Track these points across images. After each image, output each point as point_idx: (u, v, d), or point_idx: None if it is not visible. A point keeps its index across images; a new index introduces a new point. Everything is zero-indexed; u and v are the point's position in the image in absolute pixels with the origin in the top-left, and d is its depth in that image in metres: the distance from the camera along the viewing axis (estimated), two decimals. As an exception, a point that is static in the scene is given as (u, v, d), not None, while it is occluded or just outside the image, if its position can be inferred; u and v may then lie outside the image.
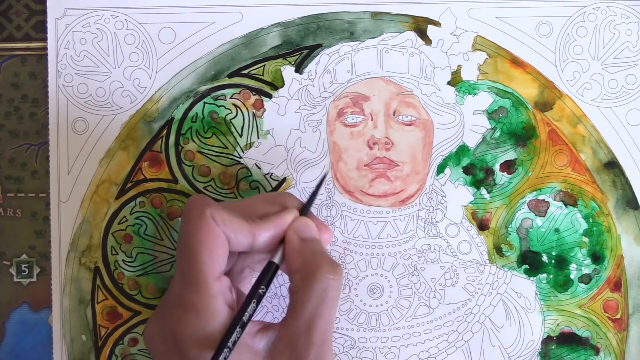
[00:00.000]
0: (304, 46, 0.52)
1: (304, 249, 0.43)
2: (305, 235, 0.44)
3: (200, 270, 0.41)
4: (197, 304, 0.41)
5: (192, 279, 0.41)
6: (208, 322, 0.41)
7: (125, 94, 0.52)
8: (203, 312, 0.41)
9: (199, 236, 0.42)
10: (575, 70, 0.52)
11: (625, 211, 0.51)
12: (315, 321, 0.41)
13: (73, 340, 0.51)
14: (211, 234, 0.42)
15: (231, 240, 0.42)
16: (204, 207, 0.42)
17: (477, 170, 0.51)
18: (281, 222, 0.44)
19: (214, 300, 0.41)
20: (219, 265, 0.42)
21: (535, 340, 0.51)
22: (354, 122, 0.51)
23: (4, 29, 0.53)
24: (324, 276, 0.42)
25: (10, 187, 0.52)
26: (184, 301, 0.41)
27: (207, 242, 0.42)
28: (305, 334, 0.41)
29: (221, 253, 0.42)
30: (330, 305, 0.42)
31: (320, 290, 0.41)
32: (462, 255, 0.51)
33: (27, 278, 0.52)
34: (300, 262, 0.43)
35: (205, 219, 0.42)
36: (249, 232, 0.43)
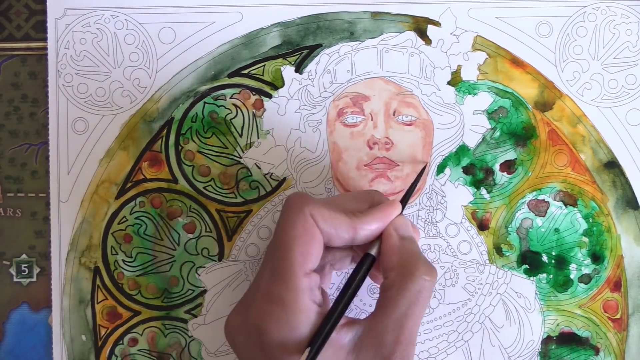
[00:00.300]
0: (304, 46, 0.52)
1: (402, 247, 0.43)
2: (404, 233, 0.44)
3: (292, 265, 0.41)
4: (284, 297, 0.41)
5: (282, 273, 0.41)
6: (294, 316, 0.41)
7: (125, 94, 0.52)
8: (290, 306, 0.41)
9: (294, 232, 0.42)
10: (575, 70, 0.52)
11: (625, 211, 0.51)
12: (406, 320, 0.41)
13: (73, 340, 0.51)
14: (307, 231, 0.42)
15: (332, 236, 0.42)
16: (303, 204, 0.42)
17: (477, 170, 0.51)
18: (385, 216, 0.44)
19: (301, 295, 0.41)
20: (310, 262, 0.42)
21: (535, 340, 0.51)
22: (354, 122, 0.51)
23: (4, 29, 0.53)
24: (421, 277, 0.41)
25: (10, 187, 0.52)
26: (271, 294, 0.41)
27: (302, 238, 0.42)
28: (393, 332, 0.41)
29: (315, 251, 0.42)
30: (422, 307, 0.42)
31: (415, 290, 0.41)
32: (462, 255, 0.51)
33: (27, 278, 0.52)
34: (398, 259, 0.43)
35: (303, 216, 0.42)
36: (351, 226, 0.43)
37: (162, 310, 0.52)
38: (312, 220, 0.42)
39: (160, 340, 0.51)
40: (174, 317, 0.51)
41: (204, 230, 0.51)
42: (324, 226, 0.42)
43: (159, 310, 0.52)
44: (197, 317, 0.51)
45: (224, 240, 0.51)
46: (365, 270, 0.44)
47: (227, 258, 0.51)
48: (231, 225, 0.51)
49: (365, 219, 0.43)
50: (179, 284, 0.51)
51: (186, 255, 0.51)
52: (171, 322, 0.51)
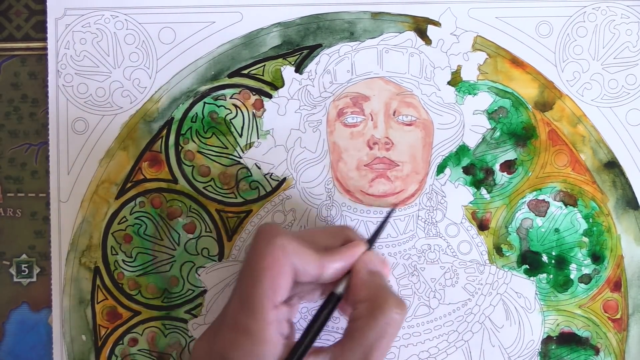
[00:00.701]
0: (304, 46, 0.52)
1: (371, 281, 0.44)
2: (372, 268, 0.44)
3: (260, 297, 0.41)
4: (252, 329, 0.41)
5: (250, 304, 0.41)
6: (260, 348, 0.41)
7: (125, 94, 0.52)
8: (256, 337, 0.41)
9: (265, 263, 0.42)
10: (575, 70, 0.52)
11: (625, 211, 0.51)
12: (372, 352, 0.42)
13: (73, 340, 0.51)
14: (277, 263, 0.42)
15: (299, 271, 0.42)
16: (275, 235, 0.42)
17: (477, 170, 0.51)
18: (351, 254, 0.44)
19: (269, 328, 0.41)
20: (279, 295, 0.42)
21: (535, 340, 0.51)
22: (354, 122, 0.51)
23: (4, 29, 0.53)
24: (391, 310, 0.42)
25: (10, 187, 0.52)
26: (239, 324, 0.41)
27: (271, 270, 0.42)
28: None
29: (284, 283, 0.42)
30: (389, 340, 0.42)
31: (384, 323, 0.42)
32: (462, 255, 0.51)
33: (27, 278, 0.52)
34: (367, 293, 0.43)
35: (274, 247, 0.42)
36: (319, 263, 0.43)
37: (162, 310, 0.52)
38: (283, 253, 0.42)
39: (160, 340, 0.51)
40: (174, 317, 0.51)
41: (204, 231, 0.51)
42: (294, 259, 0.42)
43: (159, 310, 0.52)
44: (197, 317, 0.51)
45: (224, 241, 0.51)
46: (331, 308, 0.44)
47: (227, 258, 0.51)
48: (231, 226, 0.51)
49: (332, 257, 0.44)
50: (179, 284, 0.51)
51: (186, 255, 0.51)
52: (171, 322, 0.51)
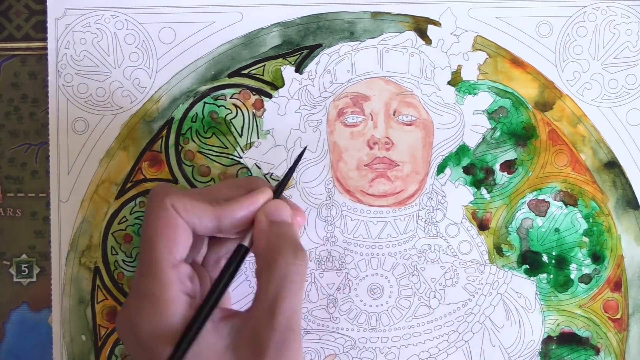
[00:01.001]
0: (304, 46, 0.52)
1: (271, 232, 0.42)
2: (274, 217, 0.43)
3: (157, 258, 0.41)
4: (152, 291, 0.41)
5: (148, 267, 0.41)
6: (163, 309, 0.40)
7: (125, 94, 0.52)
8: (158, 299, 0.40)
9: (157, 224, 0.41)
10: (576, 70, 0.52)
11: (625, 211, 0.51)
12: (277, 307, 0.40)
13: (73, 340, 0.51)
14: (169, 222, 0.41)
15: (196, 225, 0.42)
16: (164, 196, 0.42)
17: (477, 170, 0.51)
18: (250, 203, 0.43)
19: (169, 288, 0.40)
20: (177, 253, 0.41)
21: (536, 340, 0.51)
22: (354, 122, 0.51)
23: (4, 29, 0.53)
24: (285, 262, 0.41)
25: (10, 187, 0.52)
26: (140, 289, 0.41)
27: (165, 230, 0.41)
28: (267, 320, 0.40)
29: (181, 241, 0.42)
30: (293, 291, 0.40)
31: (280, 275, 0.41)
32: (462, 255, 0.51)
33: (27, 278, 0.52)
34: (265, 244, 0.42)
35: (164, 208, 0.41)
36: (214, 215, 0.42)
37: (162, 311, 0.51)
38: (174, 211, 0.41)
39: (160, 341, 0.51)
40: (174, 317, 0.51)
41: (204, 230, 0.51)
42: (186, 216, 0.42)
43: (159, 310, 0.51)
44: (197, 317, 0.51)
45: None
46: (238, 261, 0.43)
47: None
48: (231, 225, 0.51)
49: (229, 207, 0.43)
50: (179, 284, 0.51)
51: (186, 255, 0.51)
52: (171, 322, 0.51)
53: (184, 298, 0.41)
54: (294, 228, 0.44)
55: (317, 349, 0.51)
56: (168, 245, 0.41)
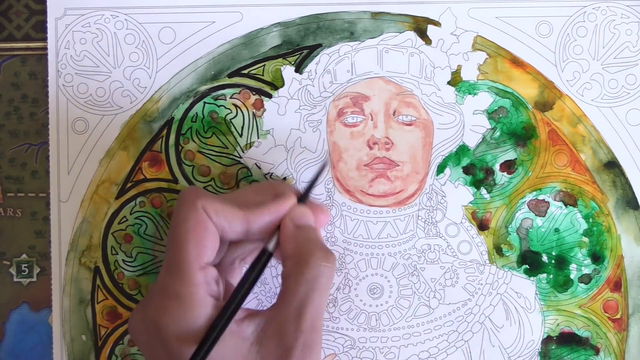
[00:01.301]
0: (304, 46, 0.52)
1: (298, 236, 0.43)
2: (300, 222, 0.44)
3: (185, 260, 0.41)
4: (180, 292, 0.41)
5: (176, 268, 0.41)
6: (190, 311, 0.41)
7: (125, 94, 0.52)
8: (185, 300, 0.41)
9: (188, 226, 0.42)
10: (575, 70, 0.52)
11: (625, 211, 0.51)
12: (305, 308, 0.41)
13: (73, 340, 0.51)
14: (200, 224, 0.42)
15: (225, 229, 0.43)
16: (195, 198, 0.42)
17: (477, 170, 0.51)
18: (278, 208, 0.44)
19: (197, 290, 0.41)
20: (205, 255, 0.42)
21: (535, 340, 0.51)
22: (354, 122, 0.51)
23: (4, 29, 0.53)
24: (316, 263, 0.42)
25: (10, 187, 0.52)
26: (167, 290, 0.41)
27: (195, 232, 0.42)
28: (294, 321, 0.41)
29: (209, 244, 0.42)
30: (321, 293, 0.42)
31: (311, 276, 0.41)
32: (462, 255, 0.51)
33: (27, 278, 0.52)
34: (294, 248, 0.43)
35: (195, 210, 0.42)
36: (244, 219, 0.43)
37: (162, 310, 0.51)
38: (205, 214, 0.42)
39: (160, 340, 0.51)
40: (174, 317, 0.51)
41: (204, 230, 0.51)
42: (217, 219, 0.42)
43: (159, 310, 0.51)
44: (197, 317, 0.51)
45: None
46: (262, 265, 0.43)
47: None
48: (231, 225, 0.51)
49: (257, 211, 0.43)
50: (179, 284, 0.51)
51: (186, 255, 0.51)
52: (171, 322, 0.51)
53: (210, 300, 0.41)
54: (319, 233, 0.45)
55: (317, 348, 0.51)
56: (197, 247, 0.41)
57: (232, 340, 0.41)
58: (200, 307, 0.41)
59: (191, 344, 0.40)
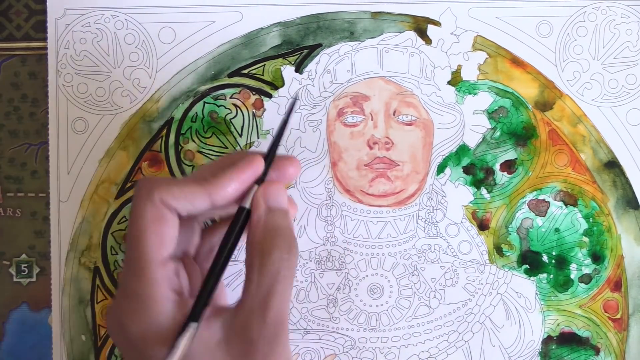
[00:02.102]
0: (304, 46, 0.52)
1: (268, 222, 0.42)
2: (273, 204, 0.42)
3: (143, 256, 0.40)
4: (139, 291, 0.40)
5: (135, 266, 0.40)
6: (150, 310, 0.39)
7: (125, 94, 0.52)
8: (146, 300, 0.40)
9: (143, 222, 0.40)
10: (576, 70, 0.52)
11: (625, 211, 0.51)
12: (269, 301, 0.40)
13: (73, 340, 0.51)
14: (156, 219, 0.40)
15: (190, 210, 0.41)
16: (150, 189, 0.41)
17: (477, 170, 0.51)
18: (239, 172, 0.42)
19: (157, 287, 0.40)
20: (165, 249, 0.40)
21: (536, 340, 0.51)
22: (354, 121, 0.51)
23: (4, 28, 0.53)
24: (279, 256, 0.40)
25: (10, 187, 0.52)
26: (127, 289, 0.41)
27: (151, 227, 0.40)
28: (258, 314, 0.39)
29: (168, 236, 0.41)
30: (285, 284, 0.40)
31: (274, 270, 0.40)
32: (462, 255, 0.51)
33: (26, 278, 0.52)
34: (260, 235, 0.41)
35: (152, 203, 0.40)
36: (205, 193, 0.41)
37: (162, 310, 0.51)
38: (162, 206, 0.40)
39: (160, 341, 0.51)
40: (173, 317, 0.51)
41: (204, 230, 0.51)
42: (178, 204, 0.41)
43: (159, 310, 0.51)
44: (197, 317, 0.51)
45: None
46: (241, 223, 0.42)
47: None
48: (231, 225, 0.51)
49: (218, 181, 0.41)
50: (179, 284, 0.51)
51: (186, 255, 0.51)
52: (171, 322, 0.51)
53: (172, 296, 0.40)
54: (290, 217, 0.43)
55: (317, 349, 0.51)
56: (155, 241, 0.40)
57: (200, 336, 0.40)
58: (162, 304, 0.40)
59: (156, 344, 0.39)
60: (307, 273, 0.51)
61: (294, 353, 0.51)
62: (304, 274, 0.51)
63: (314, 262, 0.51)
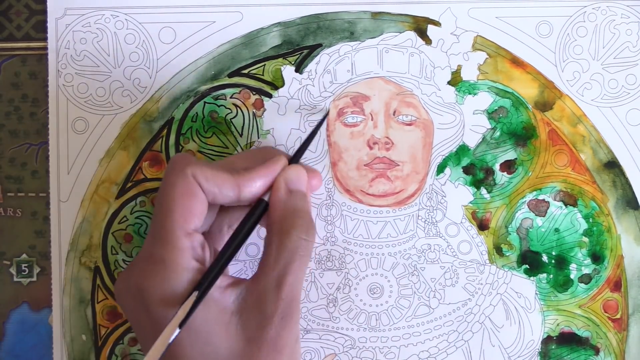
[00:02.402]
0: (304, 46, 0.52)
1: (288, 202, 0.43)
2: (294, 185, 0.44)
3: (172, 225, 0.41)
4: (165, 257, 0.41)
5: (162, 233, 0.41)
6: (174, 275, 0.40)
7: (126, 94, 0.52)
8: (170, 265, 0.41)
9: (175, 193, 0.42)
10: (575, 70, 0.52)
11: (625, 211, 0.51)
12: (285, 278, 0.41)
13: (73, 340, 0.51)
14: (188, 191, 0.42)
15: (216, 195, 0.42)
16: (185, 165, 0.42)
17: (477, 170, 0.51)
18: (268, 171, 0.44)
19: (182, 254, 0.41)
20: (192, 222, 0.42)
21: (535, 340, 0.51)
22: (354, 122, 0.51)
23: (4, 28, 0.53)
24: (298, 236, 0.42)
25: (10, 187, 0.52)
26: (152, 255, 0.41)
27: (183, 199, 0.42)
28: (274, 290, 0.41)
29: (197, 211, 0.42)
30: (300, 264, 0.42)
31: (291, 248, 0.42)
32: (462, 255, 0.51)
33: (27, 278, 0.52)
34: (280, 215, 0.43)
35: (185, 177, 0.42)
36: (235, 183, 0.43)
37: (162, 310, 0.51)
38: (194, 180, 0.42)
39: (160, 340, 0.51)
40: (174, 317, 0.51)
41: (204, 230, 0.51)
42: (207, 185, 0.42)
43: (159, 310, 0.51)
44: (197, 317, 0.51)
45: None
46: (258, 215, 0.44)
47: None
48: (231, 225, 0.51)
49: (248, 175, 0.43)
50: (179, 284, 0.51)
51: (186, 255, 0.51)
52: (171, 322, 0.51)
53: (195, 265, 0.41)
54: (309, 200, 0.45)
55: (317, 348, 0.51)
56: (184, 214, 0.41)
57: (215, 307, 0.41)
58: (185, 271, 0.41)
59: (174, 307, 0.40)
60: (307, 273, 0.51)
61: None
62: (304, 274, 0.51)
63: (314, 261, 0.51)
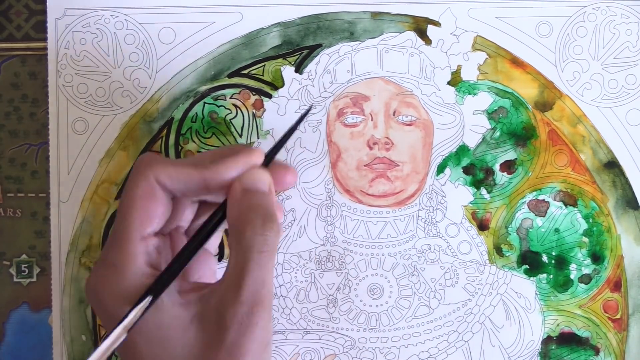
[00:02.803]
0: (304, 46, 0.52)
1: (242, 202, 0.41)
2: (249, 186, 0.41)
3: (127, 229, 0.40)
4: (116, 262, 0.40)
5: (117, 237, 0.41)
6: (124, 280, 0.40)
7: (125, 94, 0.52)
8: (121, 270, 0.40)
9: (135, 195, 0.41)
10: (575, 70, 0.52)
11: (625, 211, 0.51)
12: (243, 279, 0.39)
13: (73, 340, 0.51)
14: (147, 194, 0.41)
15: (184, 191, 0.41)
16: (147, 167, 0.41)
17: (477, 170, 0.51)
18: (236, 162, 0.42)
19: (133, 259, 0.40)
20: (150, 225, 0.41)
21: (535, 340, 0.51)
22: (354, 122, 0.51)
23: (4, 29, 0.53)
24: (252, 232, 0.39)
25: (10, 187, 0.52)
26: (107, 259, 0.41)
27: (140, 202, 0.41)
28: (232, 293, 0.39)
29: (155, 213, 0.41)
30: (260, 263, 0.39)
31: (246, 246, 0.39)
32: (462, 255, 0.51)
33: (27, 278, 0.52)
34: (236, 215, 0.41)
35: (145, 179, 0.41)
36: (199, 177, 0.41)
37: (162, 311, 0.51)
38: (154, 182, 0.41)
39: (160, 341, 0.51)
40: (174, 317, 0.51)
41: (204, 231, 0.51)
42: (172, 184, 0.41)
43: (159, 310, 0.51)
44: (197, 317, 0.51)
45: (224, 241, 0.51)
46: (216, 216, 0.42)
47: (227, 258, 0.51)
48: (231, 226, 0.51)
49: (214, 167, 0.41)
50: (179, 284, 0.51)
51: (186, 255, 0.51)
52: (171, 322, 0.51)
53: (147, 271, 0.40)
54: (270, 198, 0.42)
55: (317, 349, 0.51)
56: (141, 217, 0.41)
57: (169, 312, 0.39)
58: (135, 276, 0.40)
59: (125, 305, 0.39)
60: (307, 273, 0.51)
61: (293, 353, 0.51)
62: (304, 274, 0.51)
63: (314, 262, 0.51)
